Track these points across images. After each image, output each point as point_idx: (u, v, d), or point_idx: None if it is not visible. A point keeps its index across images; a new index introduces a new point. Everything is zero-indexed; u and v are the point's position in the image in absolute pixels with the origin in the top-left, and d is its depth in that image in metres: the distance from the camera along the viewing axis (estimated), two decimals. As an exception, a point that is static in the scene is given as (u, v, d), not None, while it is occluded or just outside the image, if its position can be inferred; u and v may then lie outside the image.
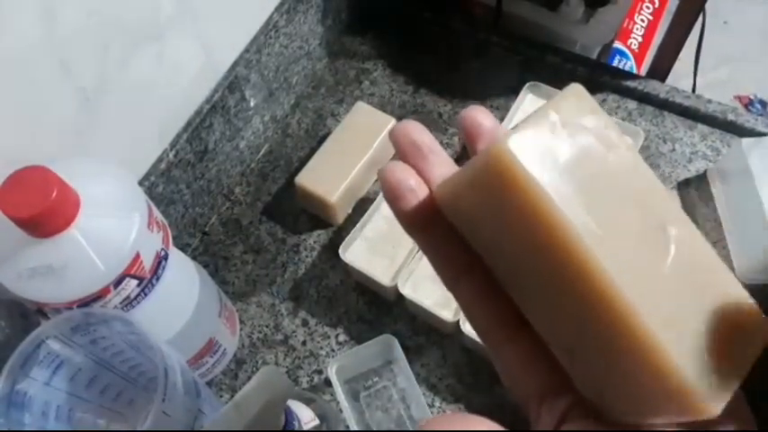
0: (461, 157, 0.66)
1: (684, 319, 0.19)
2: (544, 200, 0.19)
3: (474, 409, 0.54)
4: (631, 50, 1.37)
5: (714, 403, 0.18)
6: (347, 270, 0.61)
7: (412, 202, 0.23)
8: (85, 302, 0.39)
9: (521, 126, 0.20)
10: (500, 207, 0.20)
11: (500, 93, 0.70)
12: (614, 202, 0.20)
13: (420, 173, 0.24)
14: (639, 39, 1.38)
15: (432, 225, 0.23)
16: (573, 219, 0.19)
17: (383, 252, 0.59)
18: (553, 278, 0.19)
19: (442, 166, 0.24)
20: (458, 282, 0.24)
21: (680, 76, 0.85)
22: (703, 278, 0.20)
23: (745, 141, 0.60)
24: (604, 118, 0.21)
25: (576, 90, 0.21)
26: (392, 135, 0.24)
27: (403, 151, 0.24)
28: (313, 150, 0.65)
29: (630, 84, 0.69)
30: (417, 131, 0.24)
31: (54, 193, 0.35)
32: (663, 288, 0.19)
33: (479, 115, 0.24)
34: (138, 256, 0.40)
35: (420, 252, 0.57)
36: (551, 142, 0.20)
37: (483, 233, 0.22)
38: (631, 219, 0.20)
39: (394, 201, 0.23)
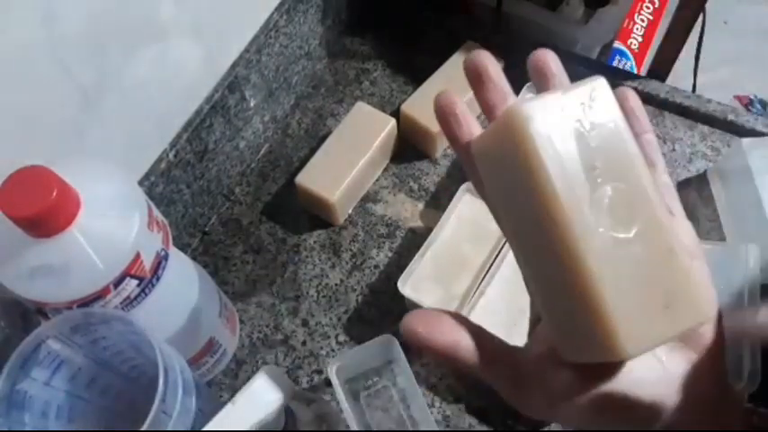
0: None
1: (632, 282, 0.22)
2: (543, 168, 0.22)
3: (474, 409, 0.54)
4: (631, 50, 1.37)
5: (628, 348, 0.22)
6: (347, 270, 0.61)
7: (454, 126, 0.27)
8: (86, 302, 0.38)
9: (542, 95, 0.23)
10: (510, 162, 0.23)
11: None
12: (606, 182, 0.23)
13: (479, 101, 0.27)
14: (639, 39, 1.38)
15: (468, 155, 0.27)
16: (562, 192, 0.22)
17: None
18: (539, 232, 0.23)
19: (498, 94, 0.27)
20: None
21: (680, 76, 0.85)
22: (662, 256, 0.23)
23: (745, 141, 0.60)
24: (618, 112, 0.23)
25: (600, 82, 0.24)
26: (464, 61, 0.28)
27: (468, 78, 0.28)
28: (313, 150, 0.65)
29: (630, 84, 0.69)
30: (484, 58, 0.27)
31: (54, 193, 0.35)
32: (621, 256, 0.22)
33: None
34: (138, 255, 0.40)
35: (420, 252, 0.57)
36: (564, 116, 0.23)
37: (497, 184, 0.25)
38: (617, 201, 0.23)
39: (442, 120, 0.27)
